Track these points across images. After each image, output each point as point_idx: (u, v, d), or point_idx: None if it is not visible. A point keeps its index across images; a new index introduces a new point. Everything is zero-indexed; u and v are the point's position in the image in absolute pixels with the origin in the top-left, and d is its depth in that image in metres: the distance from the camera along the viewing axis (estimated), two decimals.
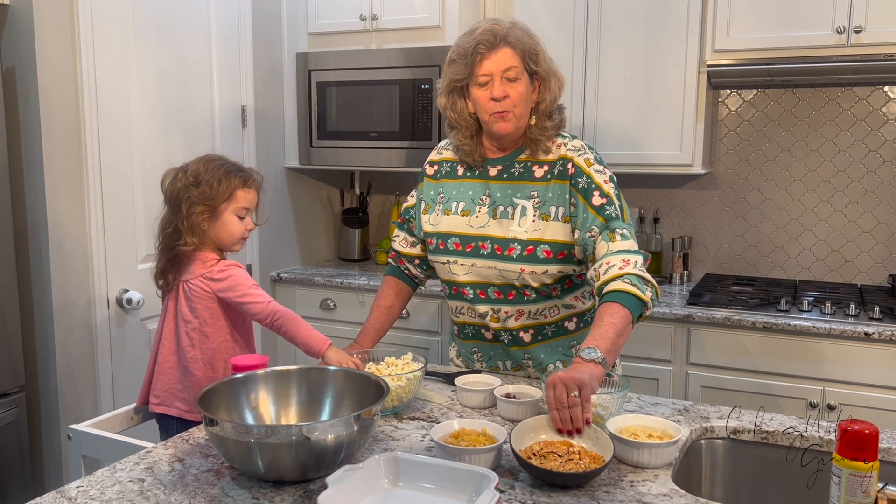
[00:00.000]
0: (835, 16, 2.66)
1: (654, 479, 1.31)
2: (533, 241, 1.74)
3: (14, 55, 2.39)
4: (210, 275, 1.95)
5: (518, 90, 1.71)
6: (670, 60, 2.93)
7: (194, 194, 1.94)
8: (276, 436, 1.22)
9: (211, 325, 1.98)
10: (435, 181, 1.91)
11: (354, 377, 1.50)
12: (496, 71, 1.70)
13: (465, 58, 1.72)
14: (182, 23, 2.86)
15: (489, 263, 1.78)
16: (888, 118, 2.99)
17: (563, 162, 1.76)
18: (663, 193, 3.36)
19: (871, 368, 2.50)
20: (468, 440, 1.36)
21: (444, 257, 1.84)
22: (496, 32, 1.70)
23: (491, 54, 1.70)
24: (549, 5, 3.08)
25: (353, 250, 3.71)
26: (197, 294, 1.96)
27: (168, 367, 2.04)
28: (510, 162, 1.81)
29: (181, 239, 1.95)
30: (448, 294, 1.89)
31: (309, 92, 3.36)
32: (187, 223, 1.94)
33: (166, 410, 2.03)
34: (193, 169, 1.97)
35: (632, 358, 2.82)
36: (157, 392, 2.05)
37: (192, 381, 2.00)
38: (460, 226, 1.82)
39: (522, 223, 1.75)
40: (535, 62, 1.73)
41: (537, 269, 1.74)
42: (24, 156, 2.42)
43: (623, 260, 1.64)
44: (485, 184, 1.82)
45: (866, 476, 1.12)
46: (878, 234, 3.05)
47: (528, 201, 1.77)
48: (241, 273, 1.98)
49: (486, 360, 1.91)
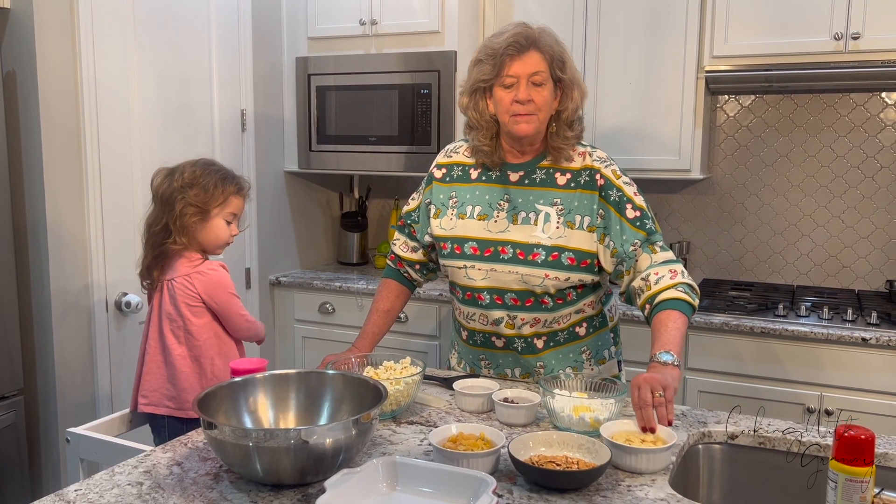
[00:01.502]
0: (832, 22, 2.68)
1: (651, 484, 1.31)
2: (558, 247, 1.74)
3: (14, 58, 2.39)
4: (196, 273, 2.01)
5: (543, 95, 1.72)
6: (669, 66, 2.94)
7: (189, 195, 1.97)
8: (275, 439, 1.22)
9: (195, 323, 2.01)
10: (445, 184, 1.89)
11: (353, 381, 1.51)
12: (523, 74, 1.70)
13: (494, 58, 1.72)
14: (182, 26, 2.87)
15: (510, 268, 1.76)
16: (885, 124, 3.00)
17: (591, 172, 1.77)
18: (661, 198, 3.36)
19: (868, 374, 2.51)
20: (466, 444, 1.36)
21: (460, 262, 1.82)
22: (528, 35, 1.71)
23: (520, 57, 1.71)
24: (548, 10, 3.09)
25: (352, 254, 3.72)
26: (181, 292, 2.00)
27: (155, 367, 2.05)
28: (532, 168, 1.81)
29: (170, 238, 1.98)
30: (461, 299, 1.86)
31: (308, 96, 3.37)
32: (179, 223, 1.97)
33: (155, 410, 2.04)
34: (190, 171, 2.00)
35: (630, 363, 2.80)
36: (145, 392, 2.06)
37: (179, 379, 2.02)
38: (478, 230, 1.80)
39: (546, 229, 1.75)
40: (561, 69, 1.74)
41: (560, 276, 1.75)
42: (24, 159, 2.42)
43: (671, 271, 1.71)
44: (504, 188, 1.81)
45: (862, 481, 1.12)
46: (875, 240, 3.06)
47: (551, 208, 1.77)
48: (226, 275, 2.06)
49: (493, 367, 1.90)
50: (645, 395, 1.42)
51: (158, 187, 2.02)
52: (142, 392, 2.06)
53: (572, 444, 1.38)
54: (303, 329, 3.41)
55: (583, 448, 1.37)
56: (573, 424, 1.50)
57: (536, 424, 1.57)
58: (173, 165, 2.06)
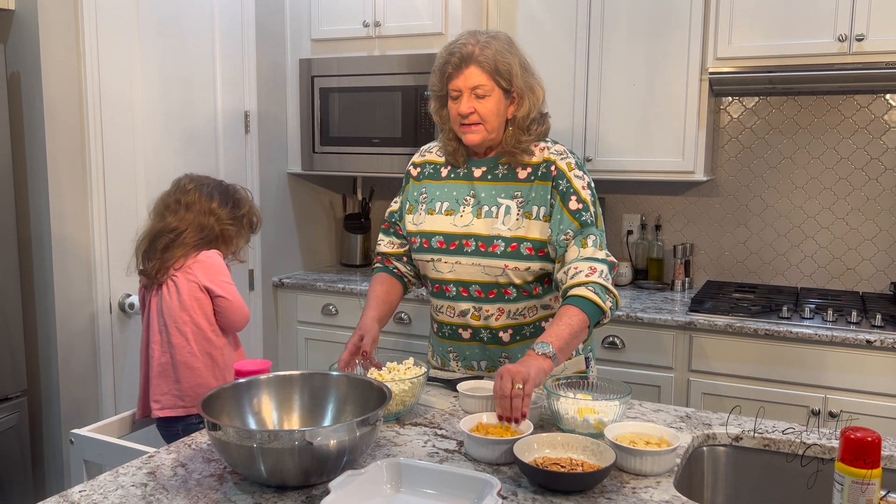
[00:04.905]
0: (836, 24, 2.67)
1: (656, 486, 1.31)
2: (517, 238, 1.80)
3: (19, 60, 2.40)
4: (195, 262, 2.07)
5: (486, 106, 1.78)
6: (672, 67, 2.94)
7: (241, 217, 2.20)
8: (279, 441, 1.22)
9: (202, 316, 2.04)
10: (418, 182, 1.97)
11: (357, 383, 1.51)
12: (465, 87, 1.78)
13: (437, 72, 1.82)
14: (186, 28, 2.87)
15: (473, 260, 1.82)
16: (890, 126, 2.99)
17: (547, 164, 1.83)
18: (665, 200, 3.36)
19: (872, 376, 2.50)
20: (494, 433, 1.42)
21: (427, 255, 1.89)
22: (464, 54, 1.77)
23: (458, 73, 1.78)
24: (552, 12, 3.09)
25: (355, 256, 3.72)
26: (184, 285, 2.03)
27: (162, 370, 2.05)
28: (494, 164, 1.87)
29: (214, 242, 2.13)
30: (431, 292, 1.94)
31: (312, 98, 3.37)
32: (224, 233, 2.14)
33: (171, 413, 2.04)
34: (248, 203, 2.24)
35: (633, 365, 2.82)
36: (157, 397, 2.06)
37: (193, 375, 2.02)
38: (444, 225, 1.87)
39: (506, 221, 1.81)
40: (507, 81, 1.78)
41: (520, 266, 1.79)
42: (28, 161, 2.42)
43: (590, 268, 1.72)
44: (469, 185, 1.88)
45: (869, 483, 1.12)
46: (879, 242, 3.05)
47: (511, 201, 1.83)
48: (222, 261, 2.15)
49: (461, 359, 1.93)
50: (505, 385, 1.45)
51: (237, 197, 2.22)
52: (153, 398, 2.06)
53: (577, 446, 1.38)
54: (306, 331, 3.41)
55: (587, 450, 1.37)
56: (577, 426, 1.50)
57: (541, 426, 1.57)
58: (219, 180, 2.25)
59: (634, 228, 3.40)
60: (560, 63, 3.10)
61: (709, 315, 2.73)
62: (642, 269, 3.34)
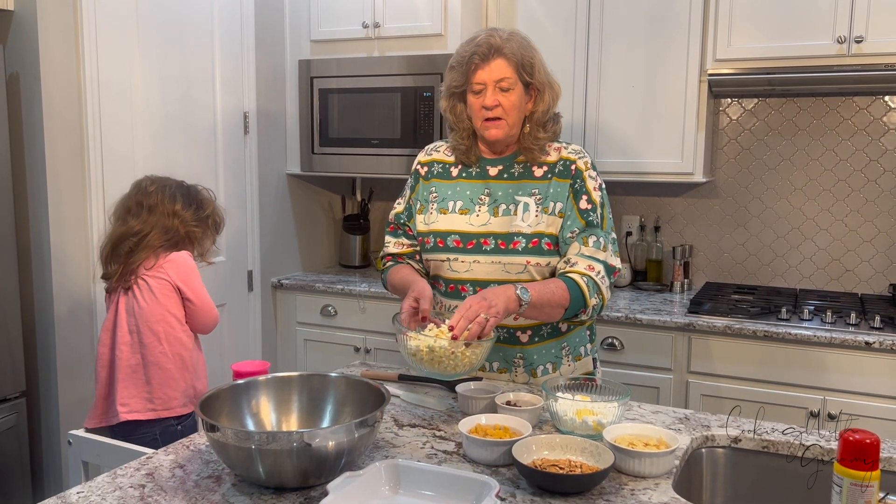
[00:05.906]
0: (835, 25, 2.67)
1: (654, 488, 1.31)
2: (537, 233, 1.79)
3: (18, 61, 2.40)
4: (166, 261, 2.08)
5: (510, 100, 1.77)
6: (671, 69, 2.94)
7: (206, 218, 2.20)
8: (278, 442, 1.22)
9: (173, 315, 2.05)
10: (427, 181, 1.94)
11: (355, 384, 1.50)
12: (489, 80, 1.77)
13: (462, 66, 1.79)
14: (185, 29, 2.87)
15: (493, 259, 1.80)
16: (889, 128, 3.00)
17: (566, 163, 1.83)
18: (664, 202, 3.36)
19: (871, 378, 2.50)
20: (493, 434, 1.42)
21: (443, 255, 1.85)
22: (491, 44, 1.76)
23: (485, 65, 1.76)
24: (552, 13, 3.09)
25: (355, 257, 3.72)
26: (156, 283, 2.04)
27: (132, 371, 2.04)
28: (510, 162, 1.87)
29: (180, 243, 2.09)
30: (444, 292, 1.88)
31: (311, 99, 3.37)
32: (190, 235, 2.13)
33: (140, 416, 2.03)
34: (211, 203, 2.23)
35: (632, 366, 2.82)
36: (124, 400, 2.04)
37: (164, 376, 2.02)
38: (460, 224, 1.84)
39: (526, 218, 1.81)
40: (529, 74, 1.79)
41: (541, 262, 1.79)
42: (28, 161, 2.42)
43: (588, 266, 1.76)
44: (484, 184, 1.86)
45: (867, 485, 1.12)
46: (878, 244, 3.05)
47: (529, 198, 1.82)
48: (193, 261, 2.15)
49: None
50: (474, 309, 1.54)
51: (201, 198, 2.23)
52: (121, 401, 2.04)
53: (575, 448, 1.38)
54: (304, 332, 3.41)
55: (586, 451, 1.37)
56: (576, 428, 1.49)
57: (539, 428, 1.57)
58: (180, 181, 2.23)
59: (633, 230, 3.40)
60: (559, 64, 3.09)
61: (708, 316, 2.73)
62: (641, 270, 3.34)
